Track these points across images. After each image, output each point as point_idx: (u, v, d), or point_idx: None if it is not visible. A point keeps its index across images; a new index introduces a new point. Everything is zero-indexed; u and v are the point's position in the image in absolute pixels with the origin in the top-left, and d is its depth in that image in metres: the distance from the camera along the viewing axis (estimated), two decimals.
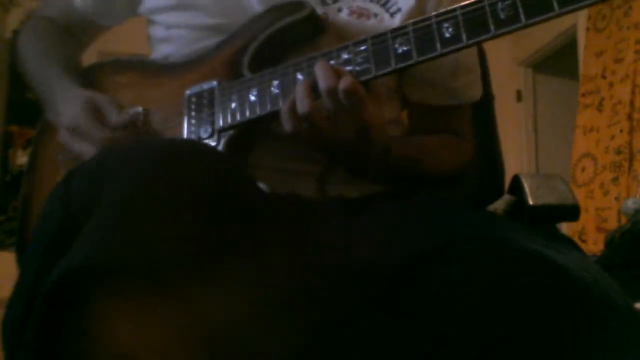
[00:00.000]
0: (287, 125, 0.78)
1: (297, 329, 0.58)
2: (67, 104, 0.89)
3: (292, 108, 0.77)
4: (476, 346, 0.56)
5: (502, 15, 0.70)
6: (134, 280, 0.50)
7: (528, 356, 0.54)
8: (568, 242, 0.71)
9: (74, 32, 1.09)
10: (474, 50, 1.01)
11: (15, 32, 3.20)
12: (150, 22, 1.03)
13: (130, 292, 0.49)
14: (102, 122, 0.86)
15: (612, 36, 3.31)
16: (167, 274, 0.51)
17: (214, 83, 0.86)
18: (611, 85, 3.26)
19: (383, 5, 0.91)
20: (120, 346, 0.48)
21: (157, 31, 1.01)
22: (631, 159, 3.03)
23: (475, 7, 0.72)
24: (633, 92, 3.09)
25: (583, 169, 3.34)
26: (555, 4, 0.68)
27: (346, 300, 0.63)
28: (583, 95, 3.46)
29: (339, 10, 0.90)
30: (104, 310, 0.49)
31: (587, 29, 3.50)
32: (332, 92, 0.74)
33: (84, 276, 0.49)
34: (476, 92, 1.01)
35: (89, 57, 1.12)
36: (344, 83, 0.74)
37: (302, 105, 0.75)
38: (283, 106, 0.78)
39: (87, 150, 0.85)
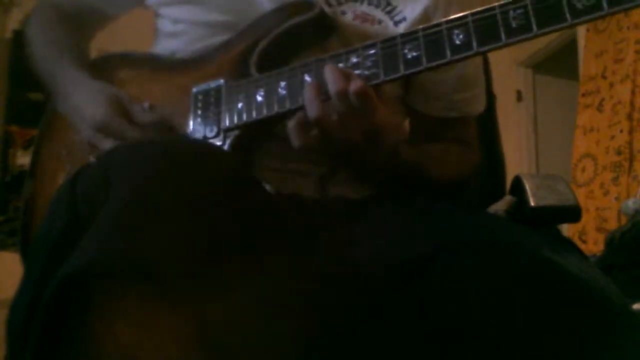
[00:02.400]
0: (295, 140, 0.77)
1: (298, 330, 0.58)
2: (86, 98, 0.88)
3: (301, 123, 0.76)
4: (476, 347, 0.56)
5: (513, 24, 0.69)
6: (138, 282, 0.49)
7: (527, 356, 0.54)
8: (568, 243, 0.71)
9: (81, 21, 1.08)
10: (479, 64, 1.00)
11: (16, 31, 3.20)
12: (158, 15, 1.02)
13: (133, 294, 0.49)
14: (130, 120, 0.85)
15: (612, 36, 3.31)
16: (170, 276, 0.51)
17: (221, 81, 0.86)
18: (611, 85, 3.26)
19: (388, 13, 0.91)
20: (123, 348, 0.48)
21: (164, 25, 1.00)
22: (631, 159, 3.03)
23: (486, 14, 0.71)
24: (633, 92, 3.09)
25: (583, 169, 3.34)
26: (567, 15, 0.67)
27: (347, 302, 0.63)
28: (583, 95, 3.46)
29: (343, 13, 0.90)
30: (107, 312, 0.49)
31: (587, 29, 3.50)
32: (343, 94, 0.73)
33: (88, 278, 0.49)
34: (479, 106, 1.01)
35: (90, 55, 1.12)
36: (354, 85, 0.73)
37: (312, 108, 0.75)
38: (290, 122, 0.77)
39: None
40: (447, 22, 0.74)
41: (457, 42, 0.72)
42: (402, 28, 0.90)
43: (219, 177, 0.61)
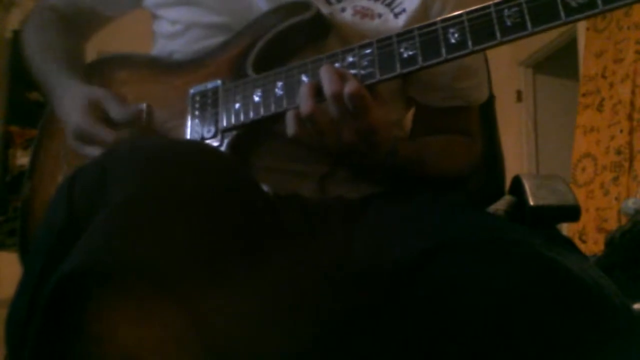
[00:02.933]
0: (290, 129, 0.77)
1: (299, 329, 0.58)
2: (69, 102, 0.88)
3: (298, 114, 0.76)
4: (476, 345, 0.56)
5: (508, 22, 0.70)
6: (136, 282, 0.49)
7: (527, 355, 0.54)
8: (567, 243, 0.71)
9: (78, 22, 1.08)
10: (481, 53, 1.00)
11: (16, 31, 3.20)
12: (155, 16, 1.02)
13: (132, 293, 0.49)
14: (105, 120, 0.84)
15: (612, 36, 3.31)
16: (169, 276, 0.51)
17: (218, 82, 0.86)
18: (611, 85, 3.26)
19: (388, 5, 0.91)
20: (122, 347, 0.48)
21: (162, 26, 1.00)
22: (631, 159, 3.03)
23: (481, 13, 0.72)
24: (633, 92, 3.09)
25: (583, 169, 3.34)
26: (562, 13, 0.68)
27: (347, 300, 0.63)
28: (583, 95, 3.46)
29: (343, 10, 0.90)
30: (106, 311, 0.49)
31: (587, 29, 3.50)
32: (337, 96, 0.74)
33: (87, 278, 0.49)
34: (482, 95, 1.00)
35: (88, 56, 1.12)
36: (349, 87, 0.73)
37: (305, 106, 0.75)
38: (290, 112, 0.77)
39: (94, 154, 0.83)
40: (443, 20, 0.74)
41: (453, 40, 0.73)
42: (402, 20, 0.90)
43: (217, 177, 0.61)
